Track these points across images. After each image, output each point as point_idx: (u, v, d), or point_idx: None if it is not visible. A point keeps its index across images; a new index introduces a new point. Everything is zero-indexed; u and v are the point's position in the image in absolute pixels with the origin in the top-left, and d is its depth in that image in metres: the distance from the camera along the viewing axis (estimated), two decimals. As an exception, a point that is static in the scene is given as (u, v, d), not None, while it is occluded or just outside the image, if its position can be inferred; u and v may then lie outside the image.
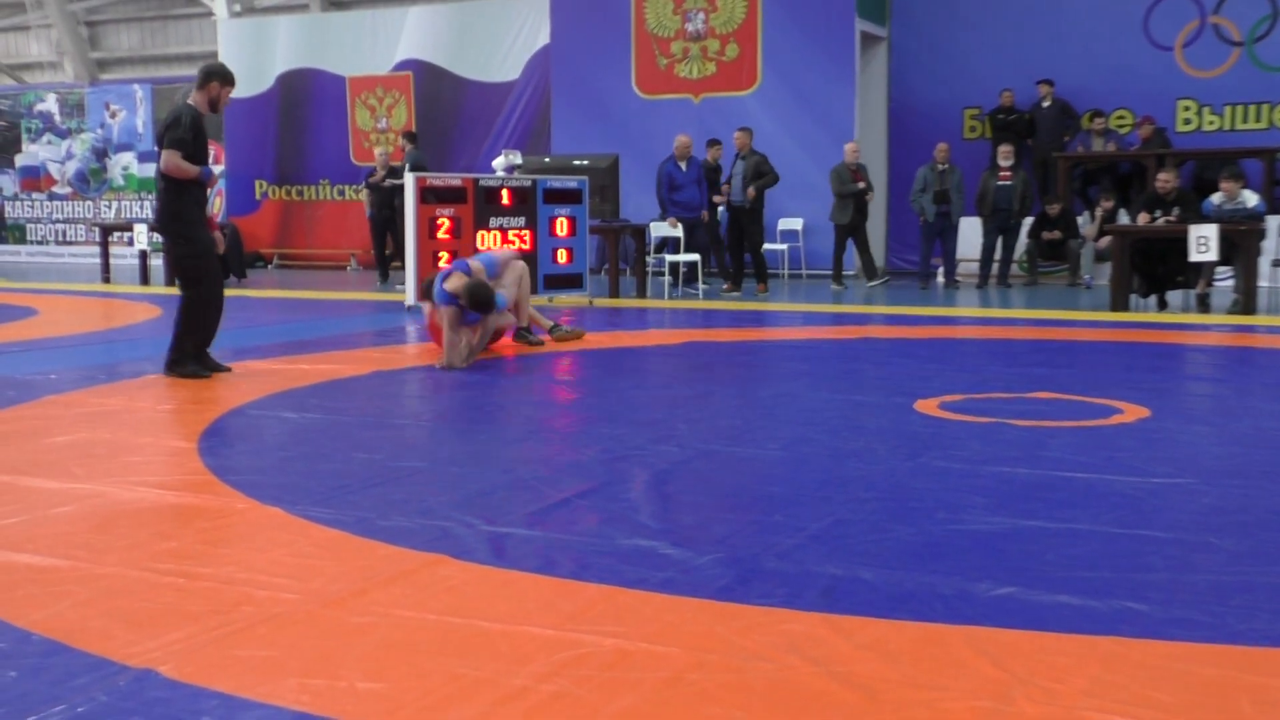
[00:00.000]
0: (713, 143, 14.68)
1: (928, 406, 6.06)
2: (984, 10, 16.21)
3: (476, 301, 7.60)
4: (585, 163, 13.25)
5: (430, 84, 19.21)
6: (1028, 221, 14.48)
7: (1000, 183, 14.20)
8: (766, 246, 15.43)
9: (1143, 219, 11.45)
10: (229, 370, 7.36)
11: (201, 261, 7.22)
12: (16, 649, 2.83)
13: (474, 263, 8.06)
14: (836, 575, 3.34)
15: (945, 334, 9.73)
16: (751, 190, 13.59)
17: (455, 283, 7.67)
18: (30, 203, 22.68)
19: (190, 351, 7.19)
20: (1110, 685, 2.57)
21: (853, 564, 3.43)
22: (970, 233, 14.69)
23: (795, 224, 15.81)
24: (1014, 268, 14.71)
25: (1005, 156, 14.33)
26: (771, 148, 14.83)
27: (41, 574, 3.40)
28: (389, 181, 15.79)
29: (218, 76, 7.19)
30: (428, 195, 10.80)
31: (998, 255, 14.44)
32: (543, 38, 17.85)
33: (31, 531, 3.84)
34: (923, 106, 16.52)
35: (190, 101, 7.17)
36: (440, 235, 10.84)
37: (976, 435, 5.36)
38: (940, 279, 14.74)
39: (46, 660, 2.76)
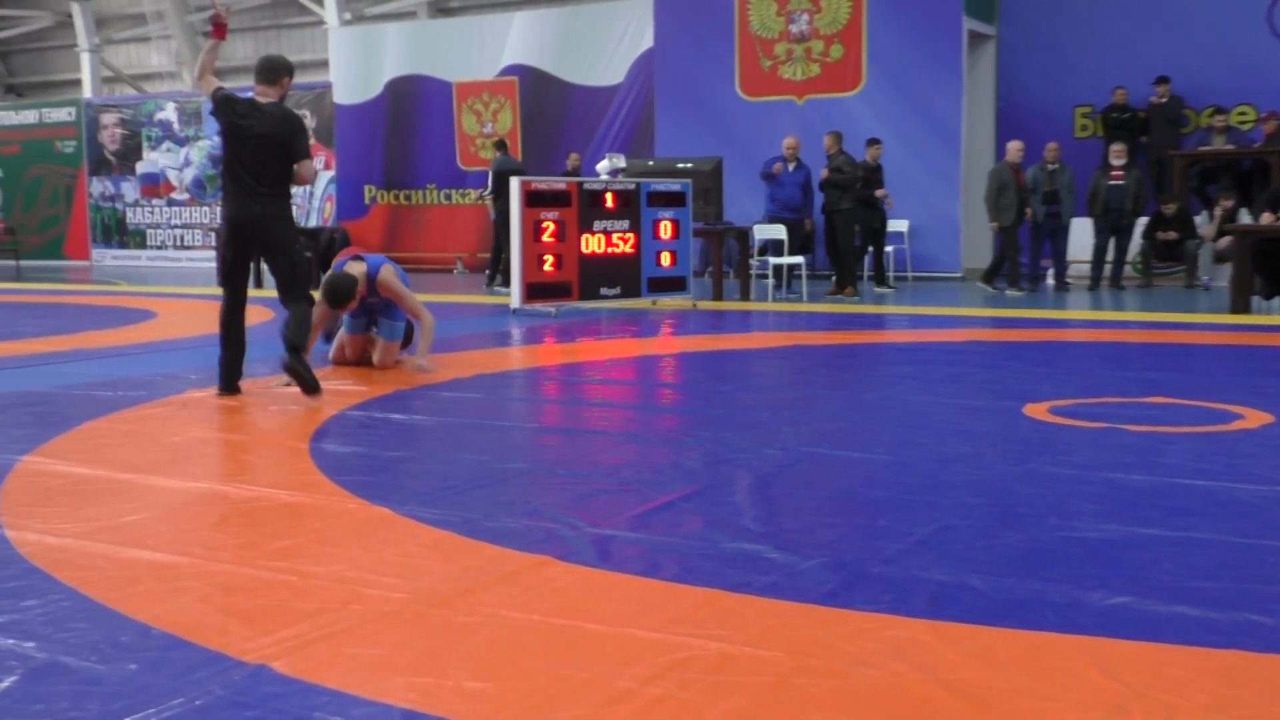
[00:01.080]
0: (872, 142, 14.29)
1: (1037, 411, 5.95)
2: (1096, 6, 15.86)
3: (334, 294, 7.23)
4: (689, 165, 13.26)
5: (535, 88, 19.39)
6: (1142, 222, 14.12)
7: (1112, 182, 13.87)
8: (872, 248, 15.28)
9: (1266, 218, 11.09)
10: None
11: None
12: (137, 642, 2.91)
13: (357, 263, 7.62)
14: (943, 581, 3.29)
15: (1055, 337, 9.54)
16: (826, 171, 13.43)
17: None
18: (150, 209, 23.39)
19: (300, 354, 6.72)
20: (1232, 700, 2.49)
21: (960, 570, 3.38)
22: (1081, 234, 14.37)
23: (901, 225, 15.61)
24: (1128, 269, 14.36)
25: (1117, 155, 14.00)
26: (876, 149, 14.65)
27: (161, 570, 3.50)
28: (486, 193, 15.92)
29: (288, 71, 6.81)
30: (533, 199, 10.90)
31: (1110, 256, 14.11)
32: (646, 41, 17.90)
33: (152, 529, 3.96)
34: (1032, 105, 16.22)
35: (264, 97, 6.66)
36: (545, 239, 10.94)
37: (1088, 440, 5.24)
38: (1050, 281, 14.45)
39: (166, 654, 2.84)
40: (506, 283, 15.97)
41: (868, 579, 3.33)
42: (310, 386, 6.45)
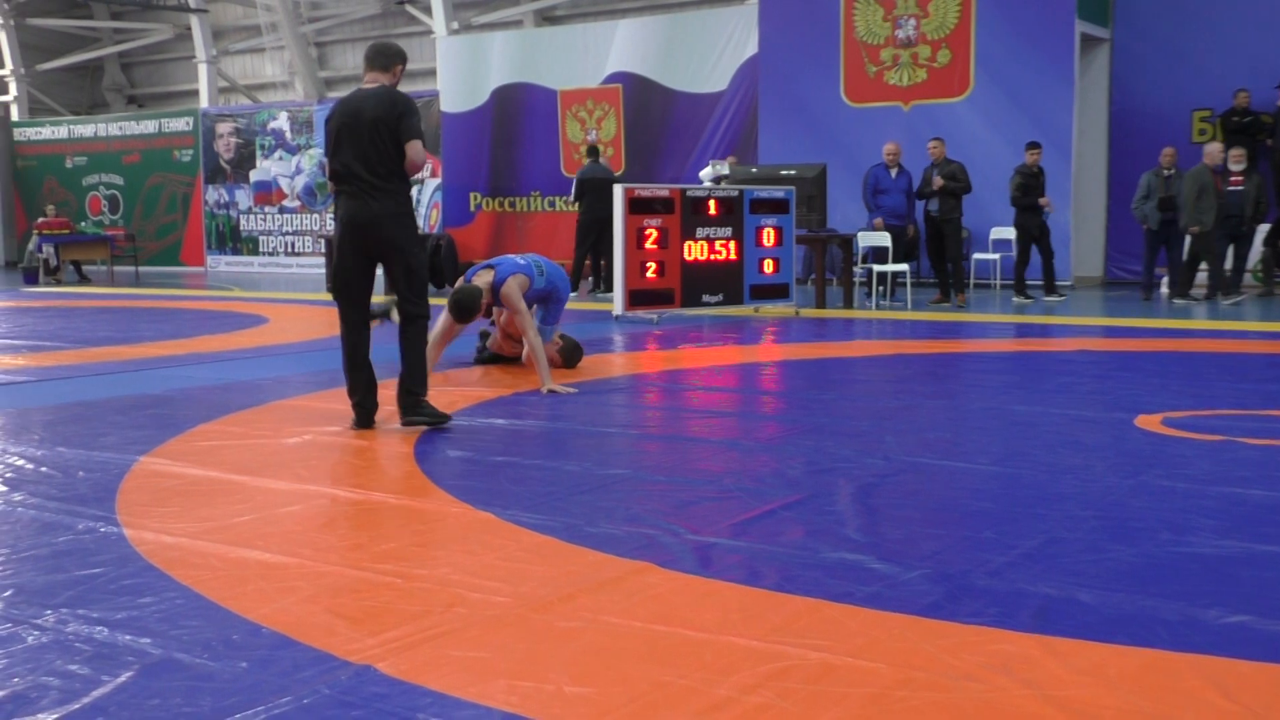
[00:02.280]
0: (1032, 146, 13.84)
1: (1150, 422, 5.80)
2: (1216, 7, 15.42)
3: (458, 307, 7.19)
4: (792, 172, 13.18)
5: (639, 95, 19.45)
6: (1264, 229, 13.68)
7: (1230, 188, 13.47)
8: (978, 256, 15.07)
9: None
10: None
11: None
12: (248, 640, 2.98)
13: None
14: (1050, 595, 3.22)
15: (1169, 347, 9.29)
16: (939, 179, 13.20)
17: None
18: (262, 216, 23.96)
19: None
20: (1355, 725, 2.40)
21: (1068, 584, 3.31)
22: (1198, 241, 13.96)
23: (1009, 233, 15.33)
24: (1247, 277, 13.93)
25: (1236, 161, 13.58)
26: (984, 154, 14.43)
27: (271, 570, 3.58)
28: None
29: (401, 58, 6.16)
30: (636, 206, 10.93)
31: (1228, 265, 13.70)
32: (751, 48, 17.86)
33: (262, 530, 4.05)
34: (1147, 109, 15.83)
35: (373, 84, 6.03)
36: (648, 246, 10.96)
37: (1204, 453, 5.10)
38: (1164, 289, 14.08)
39: (275, 653, 2.90)
40: (609, 289, 16.09)
41: (973, 591, 3.27)
42: (440, 422, 6.02)
